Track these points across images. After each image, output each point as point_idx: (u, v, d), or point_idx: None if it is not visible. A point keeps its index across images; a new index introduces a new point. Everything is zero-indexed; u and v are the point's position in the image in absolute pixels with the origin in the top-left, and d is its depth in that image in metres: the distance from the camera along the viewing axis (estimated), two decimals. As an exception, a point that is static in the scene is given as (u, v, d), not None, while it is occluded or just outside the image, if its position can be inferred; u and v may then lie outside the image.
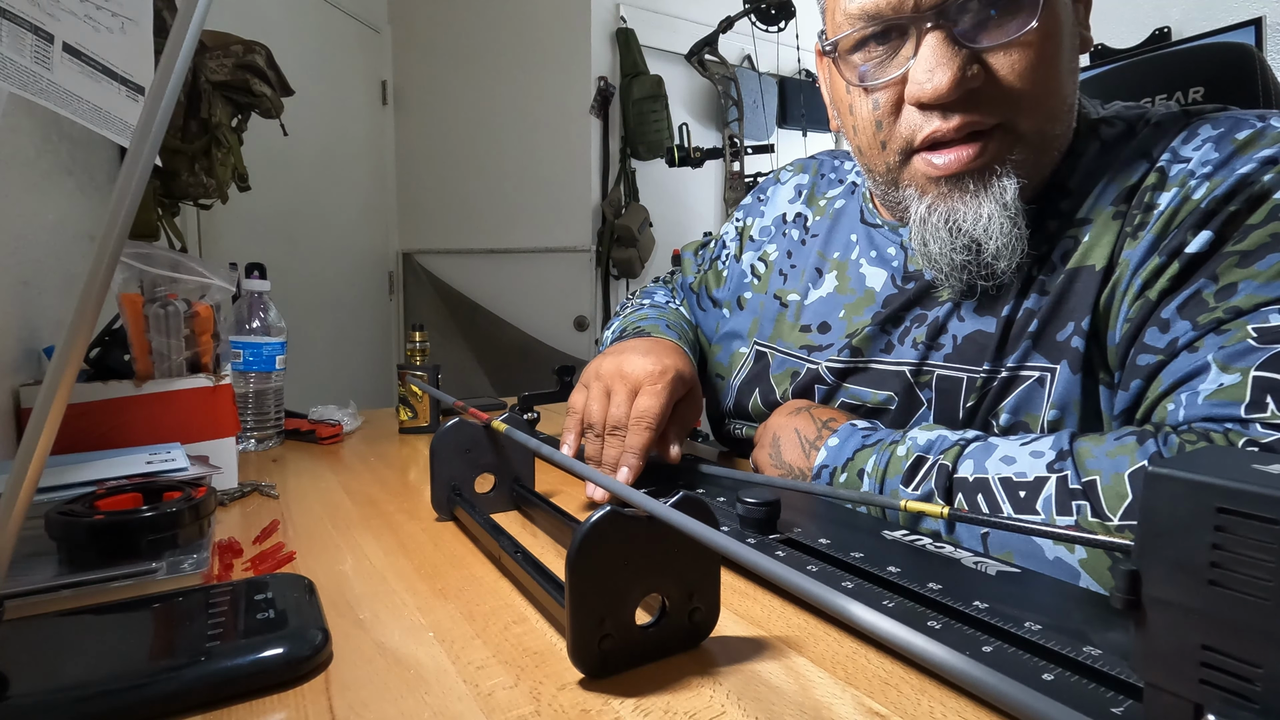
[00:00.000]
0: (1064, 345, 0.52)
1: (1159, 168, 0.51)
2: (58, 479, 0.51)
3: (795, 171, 0.81)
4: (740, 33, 2.48)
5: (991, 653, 0.31)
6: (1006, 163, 0.52)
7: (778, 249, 0.76)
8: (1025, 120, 0.51)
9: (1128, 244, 0.51)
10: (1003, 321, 0.55)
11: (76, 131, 0.89)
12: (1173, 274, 0.48)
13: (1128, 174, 0.53)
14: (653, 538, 0.33)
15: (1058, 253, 0.54)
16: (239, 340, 0.84)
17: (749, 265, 0.79)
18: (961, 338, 0.57)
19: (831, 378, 0.64)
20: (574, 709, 0.31)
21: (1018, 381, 0.53)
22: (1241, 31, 1.69)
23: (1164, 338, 0.47)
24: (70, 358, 0.27)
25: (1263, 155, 0.47)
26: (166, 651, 0.34)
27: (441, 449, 0.56)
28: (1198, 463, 0.23)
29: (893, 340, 0.62)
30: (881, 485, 0.51)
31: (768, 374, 0.71)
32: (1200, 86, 0.89)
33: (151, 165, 0.28)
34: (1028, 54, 0.49)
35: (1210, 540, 0.22)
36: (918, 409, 0.59)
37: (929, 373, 0.59)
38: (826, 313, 0.68)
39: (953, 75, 0.48)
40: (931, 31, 0.49)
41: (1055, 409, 0.51)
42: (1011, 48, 0.49)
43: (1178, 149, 0.51)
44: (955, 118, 0.50)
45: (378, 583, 0.45)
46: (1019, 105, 0.50)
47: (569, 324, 2.75)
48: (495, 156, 2.78)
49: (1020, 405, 0.53)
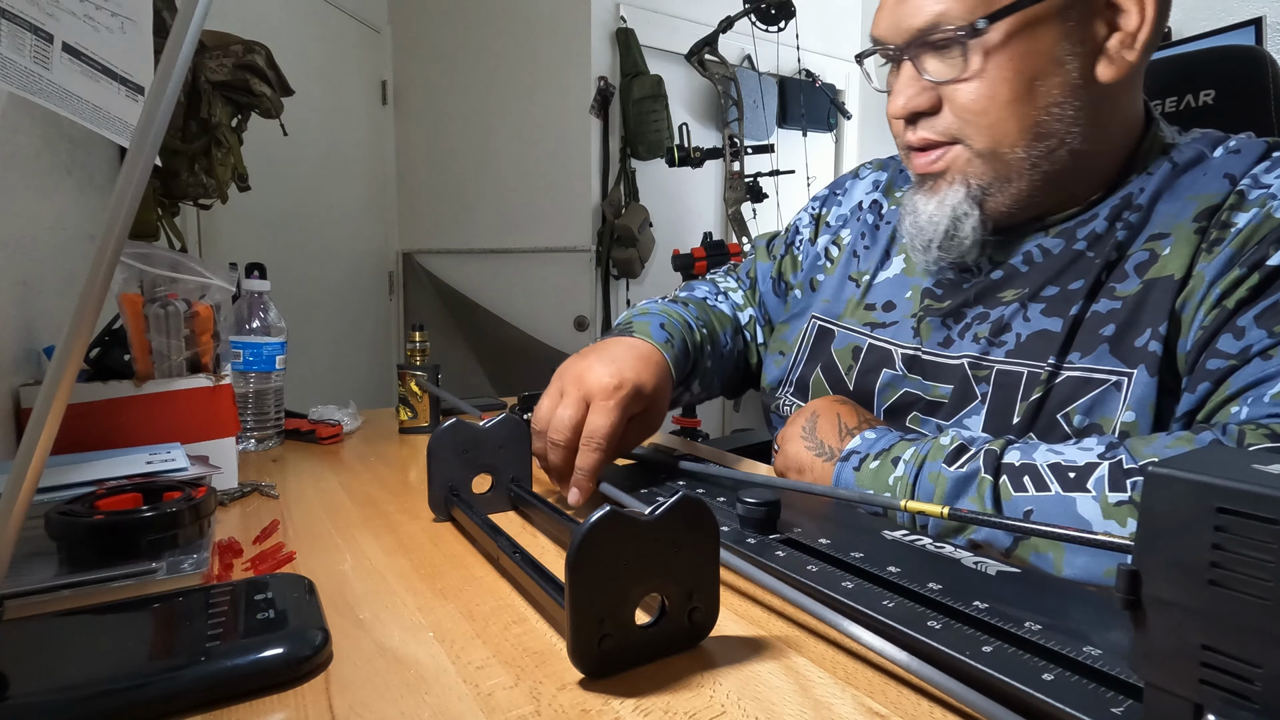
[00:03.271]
0: (1142, 350, 0.53)
1: (1239, 190, 0.54)
2: (58, 479, 0.51)
3: (874, 169, 0.83)
4: (740, 33, 2.48)
5: (991, 652, 0.31)
6: (963, 174, 0.60)
7: (851, 233, 0.78)
8: (978, 140, 0.58)
9: (1203, 257, 0.53)
10: (1070, 320, 0.57)
11: (76, 131, 0.89)
12: (1252, 284, 0.50)
13: (1209, 193, 0.55)
14: (652, 538, 0.33)
15: (1131, 263, 0.56)
16: (239, 340, 0.84)
17: (823, 249, 0.80)
18: (1026, 335, 0.59)
19: (902, 367, 0.65)
20: (574, 709, 0.31)
21: (1092, 384, 0.54)
22: (1242, 31, 1.68)
23: (1238, 344, 0.49)
24: (70, 358, 0.27)
25: None
26: (166, 651, 0.34)
27: (438, 450, 0.56)
28: (1198, 463, 0.23)
29: (953, 335, 0.63)
30: (919, 468, 0.52)
31: (829, 349, 0.72)
32: (1211, 90, 0.89)
33: (151, 165, 0.28)
34: (974, 89, 0.57)
35: (1210, 540, 0.22)
36: (971, 402, 0.60)
37: (988, 367, 0.60)
38: (893, 292, 0.70)
39: (904, 100, 0.60)
40: (905, 61, 0.60)
41: (1131, 411, 0.52)
42: (958, 83, 0.57)
43: (1259, 175, 0.54)
44: (915, 132, 0.61)
45: (378, 582, 0.45)
46: (966, 130, 0.58)
47: (569, 324, 2.75)
48: (495, 156, 2.78)
49: (1094, 406, 0.54)
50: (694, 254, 2.22)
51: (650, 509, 0.34)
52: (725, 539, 0.45)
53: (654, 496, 0.55)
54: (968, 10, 0.55)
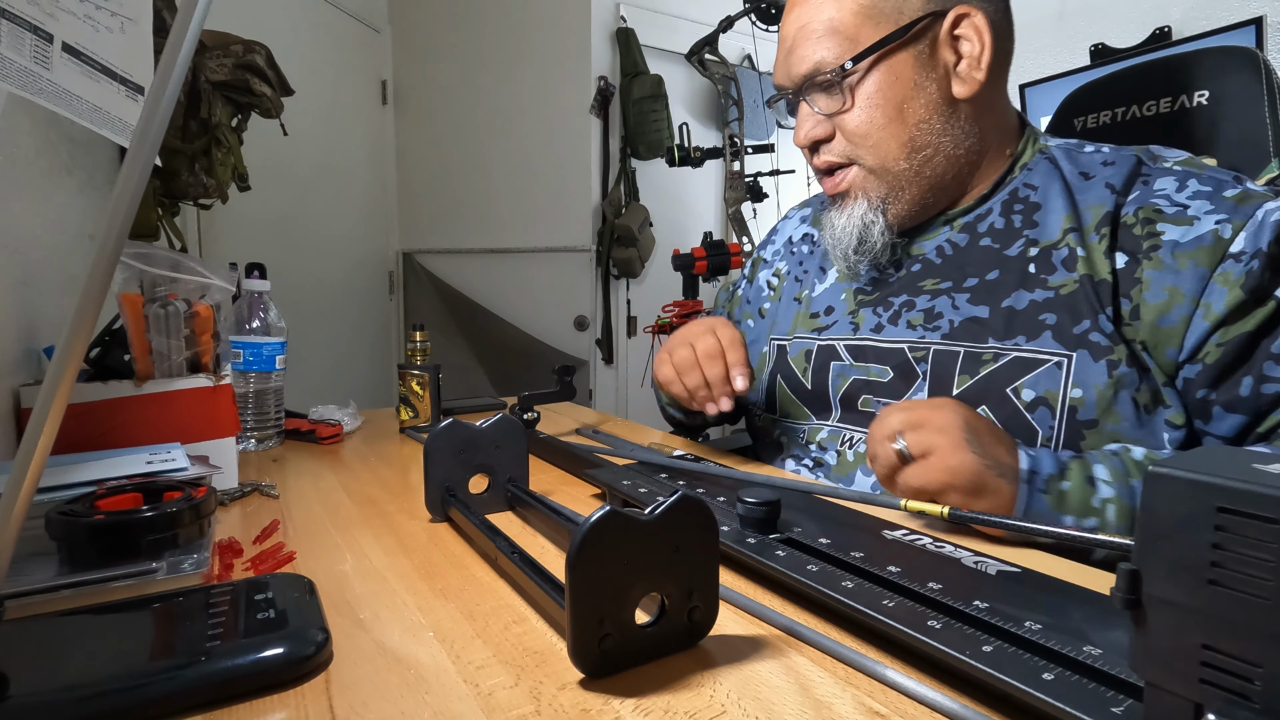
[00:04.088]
0: (1081, 337, 0.61)
1: (1155, 207, 0.62)
2: (58, 479, 0.51)
3: (799, 209, 0.97)
4: (740, 32, 2.48)
5: (992, 652, 0.31)
6: (863, 189, 0.71)
7: (788, 265, 0.90)
8: (868, 157, 0.70)
9: (1146, 264, 0.60)
10: (1003, 311, 0.66)
11: (76, 131, 0.89)
12: (1268, 314, 0.56)
13: (1099, 203, 0.64)
14: (652, 537, 0.33)
15: (1057, 257, 0.65)
16: (239, 340, 0.84)
17: (765, 282, 0.93)
18: (959, 321, 0.68)
19: (849, 357, 0.75)
20: (574, 709, 0.31)
21: (1036, 364, 0.62)
22: (1242, 31, 1.68)
23: None
24: (70, 357, 0.27)
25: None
26: (167, 651, 0.34)
27: (435, 450, 0.56)
28: (1198, 462, 0.23)
29: (883, 322, 0.73)
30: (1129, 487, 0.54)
31: (787, 359, 0.81)
32: (1204, 91, 0.89)
33: (151, 165, 0.28)
34: (855, 117, 0.69)
35: (1210, 540, 0.22)
36: (915, 380, 0.69)
37: (925, 348, 0.69)
38: (830, 299, 0.80)
39: (805, 131, 0.72)
40: (801, 100, 0.72)
41: (1078, 389, 0.60)
42: (843, 114, 0.69)
43: (1172, 195, 0.62)
44: (817, 157, 0.73)
45: (378, 582, 0.45)
46: (858, 151, 0.70)
47: (569, 324, 2.75)
48: (495, 156, 2.77)
49: (1039, 382, 0.62)
50: (694, 254, 2.22)
51: (650, 509, 0.34)
52: (725, 539, 0.45)
53: (654, 496, 0.55)
54: (837, 56, 0.67)
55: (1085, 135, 1.03)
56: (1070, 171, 0.68)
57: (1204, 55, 0.92)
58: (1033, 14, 2.23)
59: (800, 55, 0.69)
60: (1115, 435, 0.59)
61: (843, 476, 0.71)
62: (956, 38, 0.67)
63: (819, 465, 0.74)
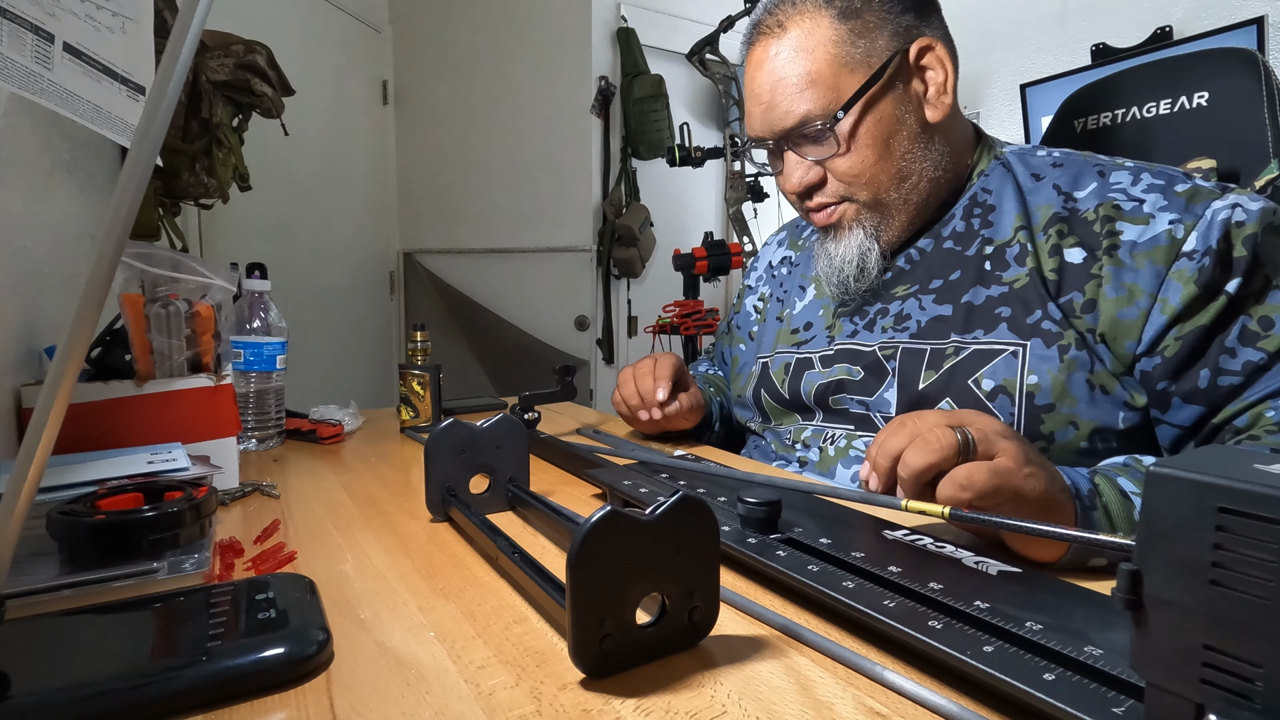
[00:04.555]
0: (1034, 327, 0.65)
1: (1113, 203, 0.65)
2: (59, 479, 0.51)
3: (775, 235, 1.03)
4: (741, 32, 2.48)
5: (992, 652, 0.31)
6: (857, 220, 0.74)
7: (770, 288, 0.96)
8: (862, 194, 0.73)
9: (1106, 260, 0.63)
10: (963, 307, 0.70)
11: (77, 131, 0.89)
12: (1220, 308, 0.59)
13: (1047, 203, 0.69)
14: (652, 537, 0.33)
15: (1010, 254, 0.69)
16: (240, 340, 0.84)
17: (751, 307, 0.98)
18: (925, 321, 0.72)
19: (820, 365, 0.79)
20: (575, 709, 0.31)
21: (993, 355, 0.66)
22: (1243, 31, 1.68)
23: (1236, 361, 0.59)
24: (71, 358, 0.27)
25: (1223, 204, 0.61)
26: (168, 651, 0.34)
27: (436, 450, 0.56)
28: (1199, 463, 0.23)
29: (859, 328, 0.77)
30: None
31: (769, 374, 0.84)
32: (1204, 92, 0.89)
33: (152, 165, 0.28)
34: (847, 161, 0.71)
35: (1211, 540, 0.22)
36: (885, 378, 0.72)
37: (894, 348, 0.72)
38: (809, 315, 0.85)
39: (797, 179, 0.74)
40: (786, 150, 0.75)
41: (1034, 375, 0.63)
42: (835, 159, 0.72)
43: (1128, 189, 0.65)
44: (811, 200, 0.76)
45: (379, 582, 0.45)
46: (852, 190, 0.73)
47: (570, 324, 2.75)
48: (496, 156, 2.77)
49: (997, 371, 0.65)
50: (695, 254, 2.22)
51: (650, 509, 0.34)
52: (726, 539, 0.45)
53: (655, 496, 0.55)
54: (824, 108, 0.70)
55: (1086, 136, 1.03)
56: (1022, 173, 0.72)
57: (1204, 57, 0.92)
58: (1034, 14, 2.23)
59: (784, 110, 0.72)
60: (1071, 417, 0.62)
61: (824, 471, 0.74)
62: (922, 68, 0.71)
63: (804, 464, 0.77)
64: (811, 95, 0.70)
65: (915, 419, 0.49)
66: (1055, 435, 0.63)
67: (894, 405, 0.70)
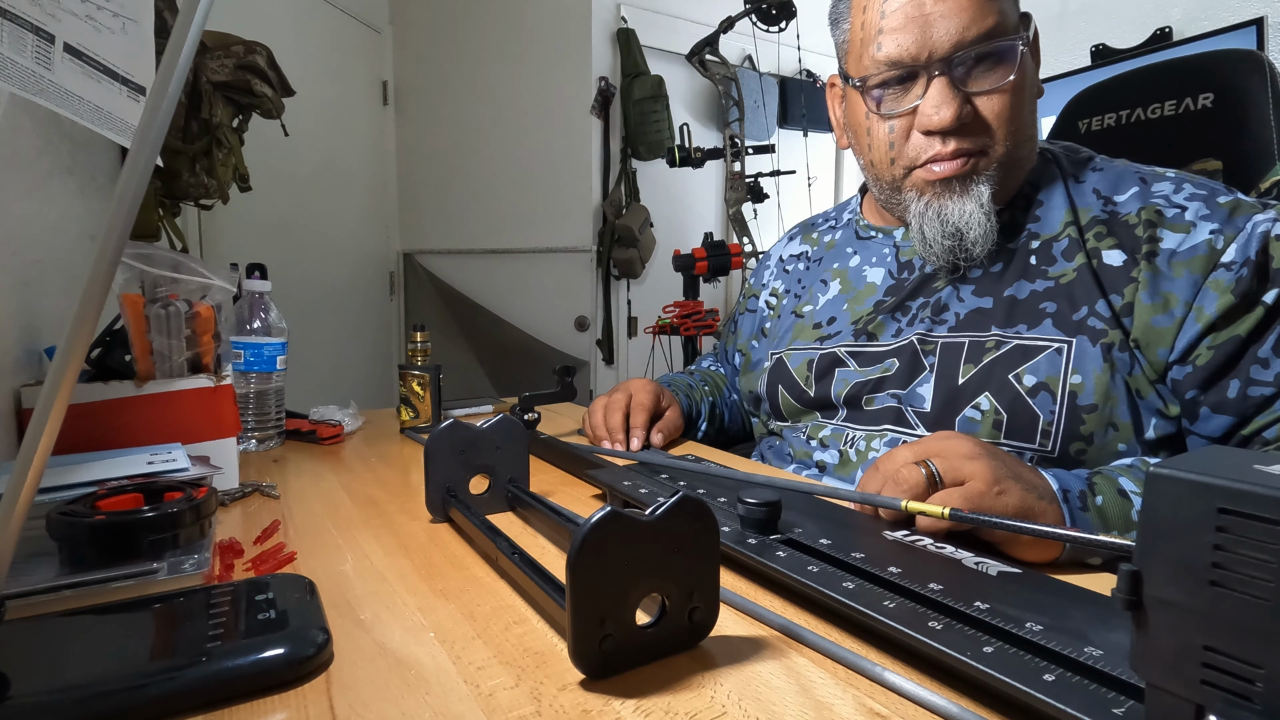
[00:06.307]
0: (1080, 323, 0.63)
1: (1156, 208, 0.63)
2: (59, 479, 0.51)
3: (785, 234, 1.00)
4: (741, 33, 2.48)
5: (992, 653, 0.31)
6: (983, 175, 0.67)
7: (784, 283, 0.92)
8: (999, 146, 0.66)
9: (1144, 266, 0.62)
10: (1005, 300, 0.67)
11: (77, 132, 0.89)
12: (1257, 319, 0.58)
13: (1085, 206, 0.68)
14: (652, 538, 0.33)
15: (1057, 249, 0.67)
16: (240, 340, 0.84)
17: (764, 303, 0.94)
18: (964, 313, 0.69)
19: (853, 362, 0.75)
20: (575, 709, 0.31)
21: (1037, 350, 0.64)
22: (1243, 32, 1.68)
23: (1268, 372, 0.58)
24: (71, 358, 0.27)
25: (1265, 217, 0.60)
26: (167, 652, 0.34)
27: (436, 451, 0.56)
28: (1199, 463, 0.23)
29: (901, 326, 0.74)
30: None
31: (788, 369, 0.81)
32: (1209, 93, 0.89)
33: (152, 165, 0.28)
34: (1005, 99, 0.65)
35: (1211, 540, 0.22)
36: (921, 372, 0.69)
37: (934, 342, 0.70)
38: (833, 310, 0.81)
39: (954, 111, 0.64)
40: (938, 77, 0.65)
41: (1078, 374, 0.62)
42: (993, 94, 0.65)
43: (1170, 196, 0.64)
44: (951, 143, 0.66)
45: (379, 583, 0.45)
46: (996, 136, 0.66)
47: (570, 324, 2.75)
48: (496, 156, 2.78)
49: (1041, 368, 0.63)
50: (695, 254, 2.22)
51: (650, 509, 0.34)
52: (726, 539, 0.45)
53: (655, 497, 0.55)
54: (1014, 23, 0.63)
55: (1089, 138, 1.03)
56: (1070, 170, 0.71)
57: (1208, 58, 0.92)
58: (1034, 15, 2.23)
59: (970, 17, 0.62)
60: (1111, 419, 0.61)
61: (845, 477, 0.71)
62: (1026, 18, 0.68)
63: (822, 469, 0.74)
64: (994, 5, 0.63)
65: (886, 460, 0.52)
66: (1094, 437, 0.61)
67: (928, 400, 0.68)
